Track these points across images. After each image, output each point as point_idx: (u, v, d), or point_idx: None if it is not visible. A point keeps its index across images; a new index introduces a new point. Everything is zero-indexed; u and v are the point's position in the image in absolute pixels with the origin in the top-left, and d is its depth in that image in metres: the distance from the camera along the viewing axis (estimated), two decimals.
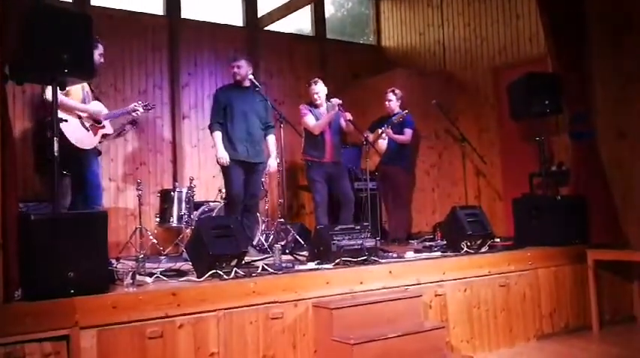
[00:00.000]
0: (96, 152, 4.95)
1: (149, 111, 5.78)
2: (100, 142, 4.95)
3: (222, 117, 5.41)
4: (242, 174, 5.41)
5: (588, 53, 5.69)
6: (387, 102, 6.65)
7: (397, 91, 6.68)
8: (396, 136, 6.51)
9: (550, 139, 6.26)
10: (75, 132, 4.57)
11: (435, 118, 7.13)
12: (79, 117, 4.69)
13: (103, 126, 4.94)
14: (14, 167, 3.13)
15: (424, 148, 7.47)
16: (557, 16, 5.66)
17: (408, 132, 6.58)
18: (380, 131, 6.43)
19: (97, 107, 4.88)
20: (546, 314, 4.81)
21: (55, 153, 3.30)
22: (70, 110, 4.56)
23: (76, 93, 4.67)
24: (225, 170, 5.39)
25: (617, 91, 5.52)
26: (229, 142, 5.37)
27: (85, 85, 4.76)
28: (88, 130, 4.74)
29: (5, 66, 3.15)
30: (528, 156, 6.23)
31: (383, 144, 6.41)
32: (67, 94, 4.49)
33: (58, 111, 4.10)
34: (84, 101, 4.78)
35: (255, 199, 5.67)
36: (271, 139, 5.65)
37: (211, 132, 5.46)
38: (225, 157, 5.31)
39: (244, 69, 5.45)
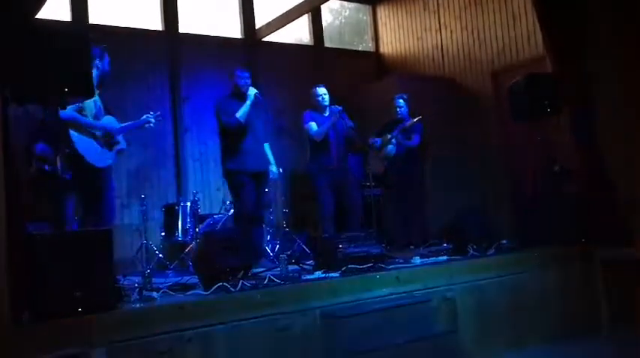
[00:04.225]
0: (112, 170, 4.78)
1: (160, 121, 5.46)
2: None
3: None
4: (254, 186, 5.38)
5: (588, 51, 5.67)
6: (397, 109, 6.65)
7: (405, 96, 6.69)
8: (405, 142, 6.52)
9: (552, 139, 6.25)
10: (89, 150, 4.38)
11: (436, 123, 7.13)
12: (93, 135, 4.48)
13: (118, 142, 4.74)
14: (19, 188, 3.14)
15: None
16: (555, 15, 5.65)
17: (416, 138, 6.59)
18: (389, 137, 6.43)
19: (109, 122, 4.67)
20: (556, 314, 4.79)
21: (60, 173, 3.32)
22: (83, 128, 4.38)
23: (89, 108, 4.45)
24: (236, 184, 5.34)
25: (618, 88, 5.50)
26: (238, 155, 5.31)
27: (98, 99, 4.54)
28: (103, 147, 4.58)
29: (6, 89, 3.17)
30: (531, 156, 6.22)
31: (391, 150, 6.40)
32: (80, 111, 4.33)
33: (70, 129, 4.12)
34: (97, 116, 4.55)
35: (265, 209, 5.66)
36: (267, 147, 5.69)
37: (235, 122, 5.24)
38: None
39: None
